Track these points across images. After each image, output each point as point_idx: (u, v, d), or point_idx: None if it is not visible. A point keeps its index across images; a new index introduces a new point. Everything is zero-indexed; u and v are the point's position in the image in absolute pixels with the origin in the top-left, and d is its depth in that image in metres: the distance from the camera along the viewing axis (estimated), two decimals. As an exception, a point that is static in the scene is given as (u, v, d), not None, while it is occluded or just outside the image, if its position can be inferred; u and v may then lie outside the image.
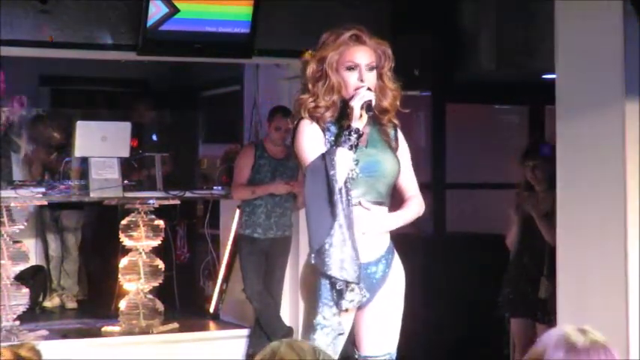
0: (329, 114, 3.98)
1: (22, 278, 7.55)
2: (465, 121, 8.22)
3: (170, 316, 7.83)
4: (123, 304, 7.54)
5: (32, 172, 8.58)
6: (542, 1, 6.12)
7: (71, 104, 10.09)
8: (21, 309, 7.13)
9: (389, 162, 4.02)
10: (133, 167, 8.11)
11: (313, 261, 3.81)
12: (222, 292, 8.23)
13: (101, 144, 7.39)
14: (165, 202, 7.72)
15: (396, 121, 4.11)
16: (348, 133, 3.86)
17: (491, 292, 6.27)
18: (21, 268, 7.45)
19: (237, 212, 7.61)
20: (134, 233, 7.53)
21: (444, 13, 7.35)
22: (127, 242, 7.55)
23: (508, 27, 7.03)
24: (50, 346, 6.26)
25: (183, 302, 8.54)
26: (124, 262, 7.57)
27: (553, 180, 5.58)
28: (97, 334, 7.51)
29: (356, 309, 3.95)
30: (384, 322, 4.04)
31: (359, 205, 3.91)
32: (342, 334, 3.91)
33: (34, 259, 8.55)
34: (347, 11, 6.82)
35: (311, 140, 3.94)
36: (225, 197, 7.86)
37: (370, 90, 3.93)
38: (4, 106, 8.85)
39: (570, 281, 5.33)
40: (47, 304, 8.88)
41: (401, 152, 4.11)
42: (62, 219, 8.88)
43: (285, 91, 7.54)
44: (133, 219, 7.54)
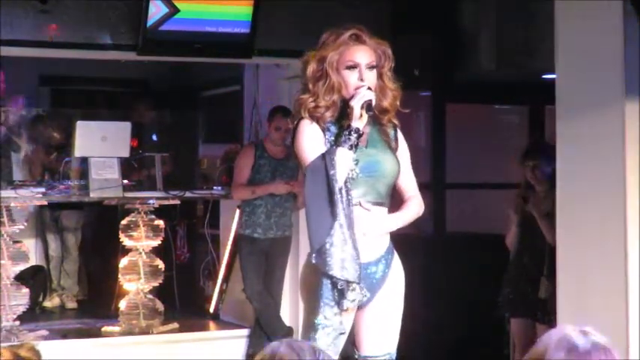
0: (329, 114, 3.98)
1: (22, 278, 7.55)
2: (465, 121, 8.22)
3: (170, 316, 7.83)
4: (123, 304, 7.54)
5: (32, 172, 8.58)
6: (542, 1, 6.12)
7: (71, 104, 10.09)
8: (21, 309, 7.12)
9: (389, 162, 4.02)
10: (133, 167, 8.11)
11: (314, 261, 3.81)
12: (222, 292, 8.23)
13: (101, 144, 7.39)
14: (165, 202, 7.72)
15: (395, 121, 4.10)
16: (348, 133, 3.85)
17: (491, 292, 6.27)
18: (21, 268, 7.44)
19: (237, 212, 7.61)
20: (134, 233, 7.53)
21: (444, 13, 7.36)
22: (127, 242, 7.55)
23: (508, 27, 7.04)
24: (50, 346, 6.27)
25: (183, 302, 8.54)
26: (124, 262, 7.57)
27: (553, 180, 5.58)
28: (97, 334, 7.51)
29: (356, 309, 3.95)
30: (383, 322, 4.04)
31: (359, 205, 3.91)
32: (343, 334, 3.92)
33: (34, 259, 8.54)
34: (347, 11, 6.83)
35: (311, 140, 3.93)
36: (225, 197, 7.85)
37: (370, 89, 3.93)
38: (4, 106, 8.85)
39: (570, 281, 5.33)
40: (47, 304, 8.88)
41: (401, 152, 4.11)
42: (62, 219, 8.88)
43: (285, 91, 7.54)
44: (133, 219, 7.54)
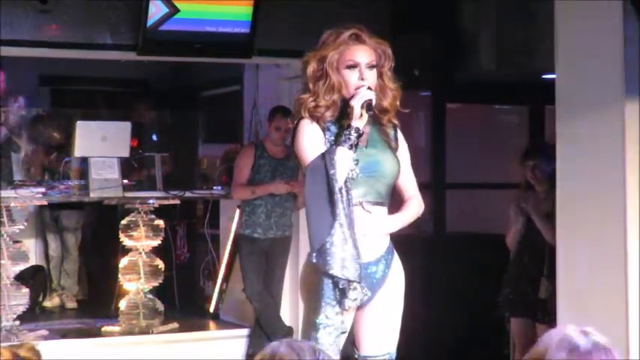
0: (329, 113, 3.98)
1: (22, 278, 7.54)
2: (465, 121, 8.22)
3: (170, 316, 7.83)
4: (123, 304, 7.54)
5: (32, 172, 8.58)
6: (542, 1, 6.12)
7: (71, 104, 10.08)
8: (21, 309, 7.12)
9: (389, 162, 4.02)
10: (133, 167, 8.11)
11: (314, 260, 3.81)
12: (222, 292, 8.23)
13: (101, 144, 7.39)
14: (165, 202, 7.72)
15: (395, 121, 4.10)
16: (348, 133, 3.85)
17: (491, 292, 6.27)
18: (21, 268, 7.44)
19: (237, 212, 7.61)
20: (134, 233, 7.53)
21: (444, 13, 7.36)
22: (127, 242, 7.55)
23: (508, 27, 7.04)
24: (50, 346, 6.27)
25: (183, 302, 8.54)
26: (124, 262, 7.57)
27: (553, 180, 5.58)
28: (97, 334, 7.51)
29: (356, 308, 3.95)
30: (383, 322, 4.04)
31: (360, 206, 3.91)
32: (345, 333, 3.92)
33: (34, 259, 8.54)
34: (347, 11, 6.82)
35: (311, 140, 3.93)
36: (225, 197, 7.85)
37: (370, 89, 3.93)
38: (4, 106, 8.85)
39: (570, 281, 5.32)
40: (47, 304, 8.88)
41: (401, 152, 4.11)
42: (62, 219, 8.88)
43: (285, 91, 7.54)
44: (133, 219, 7.54)
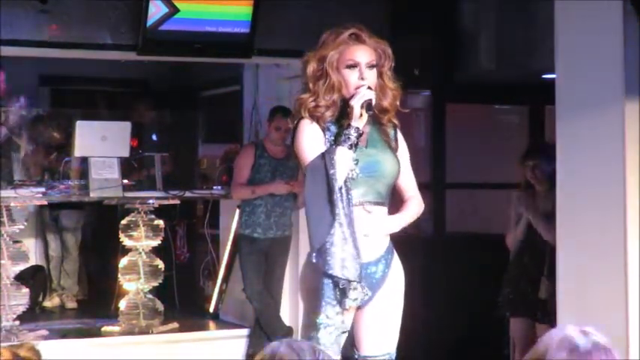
0: (329, 113, 3.98)
1: (22, 278, 7.54)
2: (465, 121, 8.21)
3: (170, 316, 7.83)
4: (123, 304, 7.54)
5: (32, 172, 8.57)
6: (542, 1, 6.11)
7: (71, 104, 10.07)
8: (21, 309, 7.11)
9: (389, 162, 4.02)
10: (133, 167, 8.10)
11: (314, 260, 3.81)
12: (222, 292, 8.23)
13: (101, 144, 7.39)
14: (165, 202, 7.72)
15: (395, 121, 4.10)
16: (348, 132, 3.85)
17: (491, 292, 6.26)
18: (21, 268, 7.43)
19: (237, 212, 7.61)
20: (134, 233, 7.53)
21: (444, 13, 7.36)
22: (127, 242, 7.55)
23: (508, 27, 7.04)
24: (50, 346, 6.26)
25: (183, 302, 8.54)
26: (123, 262, 7.57)
27: (553, 180, 5.57)
28: (96, 334, 7.51)
29: (355, 308, 3.95)
30: (383, 322, 4.04)
31: (360, 206, 3.91)
32: (345, 332, 3.92)
33: (34, 259, 8.53)
34: (347, 11, 6.82)
35: (311, 140, 3.93)
36: (225, 197, 7.85)
37: (370, 89, 3.93)
38: (4, 106, 8.85)
39: (570, 281, 5.32)
40: (47, 304, 8.87)
41: (401, 152, 4.11)
42: (62, 219, 8.88)
43: (285, 91, 7.54)
44: (133, 219, 7.54)
